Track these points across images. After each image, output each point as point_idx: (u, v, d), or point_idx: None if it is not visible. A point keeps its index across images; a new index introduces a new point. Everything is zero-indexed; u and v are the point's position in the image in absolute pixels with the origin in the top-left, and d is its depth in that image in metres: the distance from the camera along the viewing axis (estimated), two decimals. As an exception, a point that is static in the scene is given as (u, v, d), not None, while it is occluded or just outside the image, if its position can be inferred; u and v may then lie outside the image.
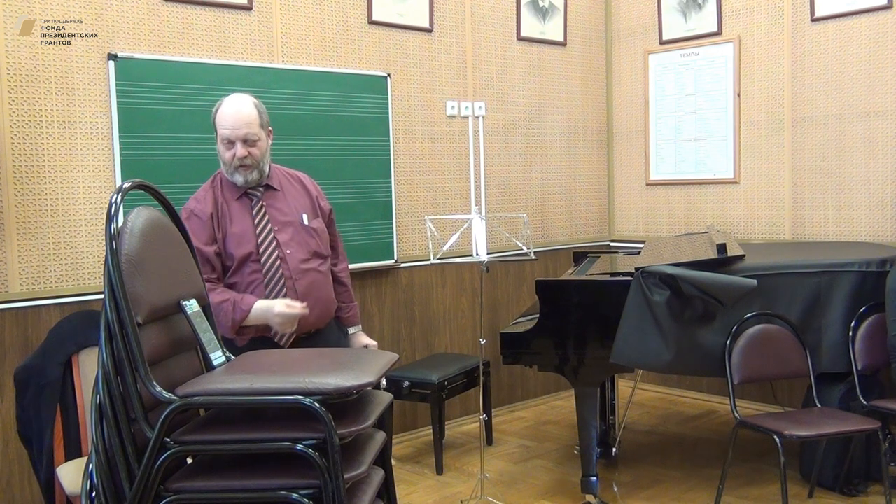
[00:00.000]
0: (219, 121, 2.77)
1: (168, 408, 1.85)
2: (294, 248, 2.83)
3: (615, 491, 3.81)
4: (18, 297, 3.39)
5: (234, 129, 2.74)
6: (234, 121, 2.74)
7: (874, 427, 3.36)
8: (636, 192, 5.73)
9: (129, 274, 1.87)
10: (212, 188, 2.83)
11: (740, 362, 3.58)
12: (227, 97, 2.82)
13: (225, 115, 2.76)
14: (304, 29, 4.25)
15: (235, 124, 2.74)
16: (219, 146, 2.78)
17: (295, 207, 2.90)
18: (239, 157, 2.74)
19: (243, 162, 2.75)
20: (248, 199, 2.83)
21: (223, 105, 2.79)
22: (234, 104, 2.77)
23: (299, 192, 2.96)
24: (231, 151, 2.75)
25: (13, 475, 3.41)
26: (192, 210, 2.77)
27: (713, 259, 3.59)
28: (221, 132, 2.75)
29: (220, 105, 2.79)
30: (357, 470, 1.98)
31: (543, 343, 3.57)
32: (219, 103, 2.80)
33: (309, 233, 2.90)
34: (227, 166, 2.79)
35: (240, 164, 2.76)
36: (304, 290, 2.80)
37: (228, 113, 2.76)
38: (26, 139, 3.41)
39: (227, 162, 2.77)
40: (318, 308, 2.88)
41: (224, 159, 2.78)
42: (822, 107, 4.75)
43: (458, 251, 4.03)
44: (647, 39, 5.58)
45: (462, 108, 4.93)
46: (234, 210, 2.80)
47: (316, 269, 2.87)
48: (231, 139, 2.74)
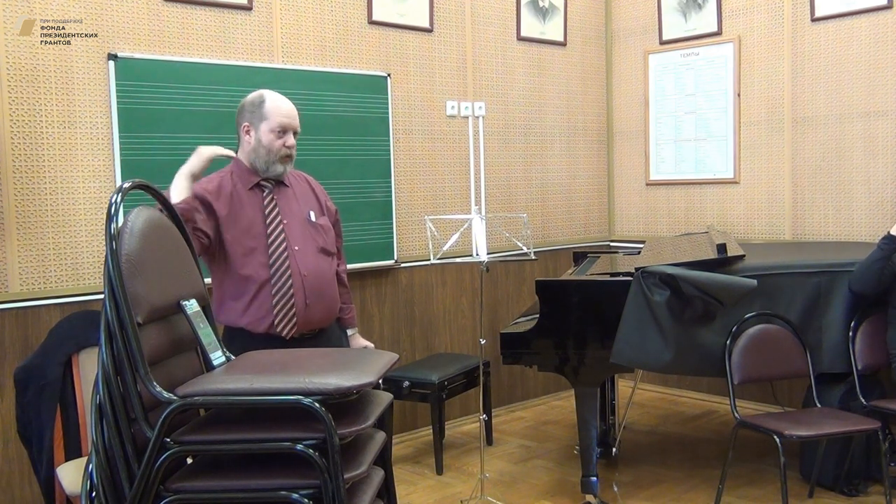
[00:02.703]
0: (272, 110, 2.75)
1: (168, 408, 1.85)
2: (302, 244, 2.82)
3: (615, 491, 3.81)
4: (18, 297, 3.39)
5: (291, 118, 2.77)
6: (290, 111, 2.78)
7: (874, 427, 3.36)
8: (636, 192, 5.73)
9: (129, 274, 1.87)
10: (220, 177, 2.79)
11: (740, 362, 3.58)
12: (260, 91, 2.81)
13: (280, 106, 2.77)
14: (304, 29, 4.25)
15: (291, 115, 2.77)
16: (265, 134, 2.75)
17: (303, 204, 2.90)
18: (288, 146, 2.76)
19: (290, 152, 2.77)
20: (260, 191, 2.80)
21: (271, 96, 2.78)
22: (283, 97, 2.80)
23: (307, 190, 2.95)
24: (282, 140, 2.75)
25: (13, 475, 3.41)
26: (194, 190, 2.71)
27: (713, 259, 3.59)
28: (278, 120, 2.74)
29: (263, 96, 2.78)
30: (357, 470, 1.98)
31: (543, 343, 3.57)
32: (259, 94, 2.79)
33: (316, 229, 2.89)
34: (271, 154, 2.76)
35: (287, 154, 2.77)
36: (311, 288, 2.79)
37: (284, 104, 2.78)
38: (26, 139, 3.41)
39: (276, 150, 2.75)
40: (325, 306, 2.86)
41: (272, 147, 2.75)
42: (822, 107, 4.75)
43: (458, 251, 4.03)
44: (647, 39, 5.58)
45: (462, 108, 4.93)
46: (245, 199, 2.77)
47: (323, 266, 2.86)
48: (287, 128, 2.76)
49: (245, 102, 2.82)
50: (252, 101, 2.79)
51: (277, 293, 2.73)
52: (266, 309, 2.73)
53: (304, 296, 2.76)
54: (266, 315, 2.73)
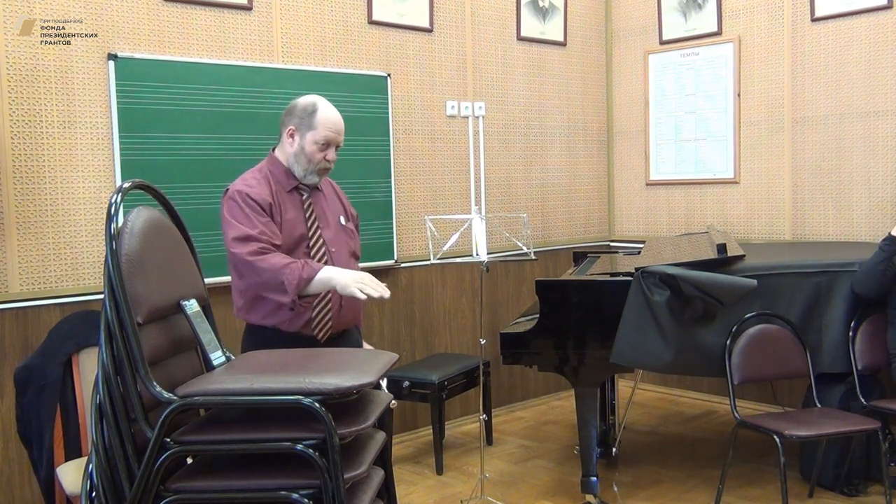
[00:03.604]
0: (322, 121, 2.75)
1: (168, 408, 1.85)
2: (337, 246, 2.86)
3: (615, 491, 3.81)
4: (18, 297, 3.39)
5: (338, 133, 2.78)
6: (339, 125, 2.78)
7: (874, 427, 3.36)
8: (636, 192, 5.73)
9: (129, 274, 1.87)
10: (263, 178, 2.77)
11: (740, 362, 3.58)
12: (314, 98, 2.81)
13: (330, 119, 2.77)
14: (304, 29, 4.25)
15: (339, 129, 2.78)
16: (309, 143, 2.75)
17: (334, 209, 2.94)
18: (329, 160, 2.78)
19: (329, 166, 2.79)
20: (299, 195, 2.82)
21: (323, 106, 2.78)
22: (334, 109, 2.80)
23: (334, 195, 2.99)
24: (324, 153, 2.77)
25: (13, 475, 3.41)
26: (248, 194, 2.68)
27: (713, 259, 3.59)
28: (324, 133, 2.75)
29: (316, 104, 2.77)
30: (357, 470, 1.98)
31: (543, 343, 3.57)
32: (312, 102, 2.78)
33: (347, 233, 2.94)
34: (310, 165, 2.77)
35: (325, 168, 2.79)
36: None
37: (333, 117, 2.78)
38: (26, 139, 3.41)
39: (315, 161, 2.76)
40: (355, 309, 2.90)
41: (313, 158, 2.76)
42: (822, 107, 4.75)
43: (458, 251, 4.03)
44: (647, 39, 5.58)
45: (462, 108, 4.93)
46: (287, 202, 2.79)
47: (354, 269, 2.88)
48: (331, 142, 2.77)
49: (296, 106, 2.80)
50: (304, 108, 2.78)
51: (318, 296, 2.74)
52: (304, 309, 2.73)
53: (341, 298, 2.77)
54: (303, 314, 2.73)
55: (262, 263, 2.57)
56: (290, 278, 2.55)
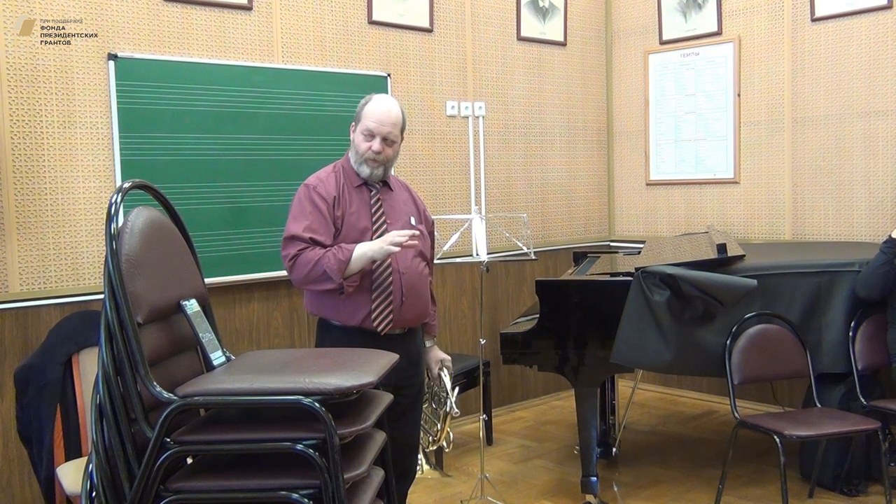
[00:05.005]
0: (367, 113, 2.86)
1: (168, 408, 1.85)
2: None
3: (615, 491, 3.81)
4: (18, 297, 3.39)
5: (380, 124, 2.84)
6: (383, 117, 2.85)
7: (874, 427, 3.36)
8: (636, 192, 5.73)
9: (129, 274, 1.87)
10: (334, 172, 2.89)
11: (740, 362, 3.58)
12: (378, 95, 2.93)
13: (374, 110, 2.86)
14: (304, 29, 4.25)
15: (382, 120, 2.85)
16: (356, 135, 2.87)
17: (405, 208, 2.99)
18: (374, 151, 2.83)
19: (375, 157, 2.84)
20: (368, 190, 2.90)
21: (374, 100, 2.89)
22: (385, 102, 2.89)
23: (409, 198, 3.05)
24: (368, 143, 2.84)
25: (13, 475, 3.40)
26: (315, 188, 2.81)
27: (713, 259, 3.59)
28: (366, 124, 2.85)
29: (369, 100, 2.89)
30: (357, 470, 1.98)
31: (543, 343, 3.57)
32: (368, 98, 2.90)
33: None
34: (358, 155, 2.87)
35: (371, 158, 2.84)
36: (408, 286, 2.85)
37: (378, 109, 2.86)
38: (26, 139, 3.41)
39: (361, 152, 2.85)
40: (418, 305, 2.91)
41: (359, 148, 2.86)
42: (822, 107, 4.75)
43: (458, 251, 4.03)
44: (647, 39, 5.58)
45: (462, 108, 4.93)
46: (354, 197, 2.87)
47: (420, 267, 2.93)
48: (373, 132, 2.84)
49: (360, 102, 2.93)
50: (361, 102, 2.91)
51: (377, 288, 2.78)
52: (363, 302, 2.78)
53: (402, 292, 2.82)
54: (362, 307, 2.78)
55: (298, 263, 2.71)
56: (329, 265, 2.68)
